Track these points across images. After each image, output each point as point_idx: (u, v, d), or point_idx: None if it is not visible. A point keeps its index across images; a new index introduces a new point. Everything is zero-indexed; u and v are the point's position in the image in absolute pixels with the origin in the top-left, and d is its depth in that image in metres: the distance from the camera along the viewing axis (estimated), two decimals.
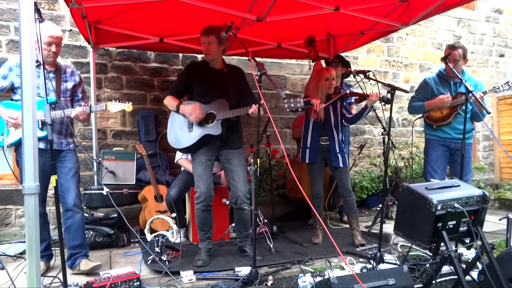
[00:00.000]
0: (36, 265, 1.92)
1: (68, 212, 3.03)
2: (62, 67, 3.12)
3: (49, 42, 2.89)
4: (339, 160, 3.68)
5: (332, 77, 3.65)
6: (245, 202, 3.27)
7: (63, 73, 3.09)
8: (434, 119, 3.91)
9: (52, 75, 3.01)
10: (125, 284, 2.63)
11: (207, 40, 3.21)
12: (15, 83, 2.91)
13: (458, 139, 3.78)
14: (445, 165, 3.94)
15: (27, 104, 1.95)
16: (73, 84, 3.13)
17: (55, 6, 4.70)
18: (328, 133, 3.71)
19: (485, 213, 2.55)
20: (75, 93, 3.16)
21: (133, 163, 4.49)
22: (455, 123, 3.81)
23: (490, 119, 7.11)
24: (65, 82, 3.09)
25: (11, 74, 2.92)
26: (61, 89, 3.06)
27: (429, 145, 4.01)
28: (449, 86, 3.85)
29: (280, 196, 5.16)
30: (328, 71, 3.69)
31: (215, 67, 3.33)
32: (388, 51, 6.51)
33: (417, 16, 3.96)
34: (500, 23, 7.37)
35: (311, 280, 2.78)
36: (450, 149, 3.89)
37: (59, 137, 3.03)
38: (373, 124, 6.33)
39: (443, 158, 3.91)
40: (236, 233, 3.47)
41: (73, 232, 3.04)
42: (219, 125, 3.19)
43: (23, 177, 1.98)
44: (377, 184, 5.73)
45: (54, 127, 2.94)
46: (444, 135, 3.88)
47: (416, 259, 3.25)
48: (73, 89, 3.14)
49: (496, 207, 5.97)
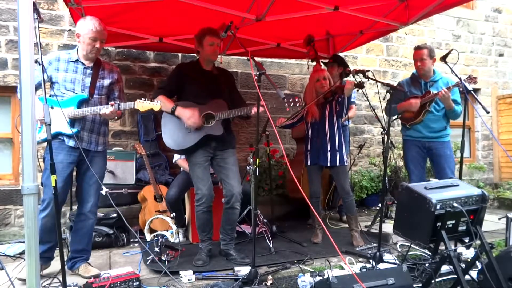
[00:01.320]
0: (35, 265, 1.92)
1: (82, 215, 2.99)
2: (102, 63, 3.05)
3: (94, 37, 2.85)
4: (327, 159, 3.67)
5: (323, 77, 3.67)
6: (238, 201, 3.25)
7: (101, 70, 3.01)
8: (406, 118, 3.97)
9: (90, 71, 2.95)
10: (124, 284, 2.63)
11: (217, 41, 3.20)
12: (53, 77, 2.85)
13: (431, 137, 3.87)
14: (422, 164, 3.99)
15: (26, 104, 1.94)
16: (110, 82, 3.04)
17: (54, 6, 4.70)
18: (321, 132, 3.72)
19: (484, 213, 2.56)
20: (111, 91, 3.07)
21: (133, 163, 4.50)
22: (427, 121, 3.85)
23: (489, 118, 7.12)
24: (102, 79, 3.00)
25: (50, 68, 2.85)
26: (96, 85, 2.96)
27: (404, 145, 4.11)
28: (420, 86, 3.91)
29: (279, 195, 5.17)
30: (317, 73, 3.72)
31: (207, 68, 3.32)
32: (388, 50, 6.51)
33: (416, 15, 3.96)
34: (500, 22, 7.37)
35: (310, 280, 2.78)
36: (426, 148, 3.92)
37: (90, 136, 2.95)
38: (373, 123, 6.34)
39: (419, 157, 3.96)
40: (222, 236, 3.33)
41: (80, 235, 3.01)
42: (219, 125, 3.18)
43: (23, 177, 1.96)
44: (376, 183, 5.74)
45: (85, 125, 2.92)
46: (417, 134, 3.92)
47: (415, 258, 3.25)
48: (110, 87, 3.04)
49: (495, 206, 5.98)
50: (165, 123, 3.26)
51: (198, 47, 3.28)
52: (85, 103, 2.89)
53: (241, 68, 5.51)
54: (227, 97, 3.32)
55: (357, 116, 6.17)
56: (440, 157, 3.85)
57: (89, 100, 2.92)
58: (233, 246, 3.33)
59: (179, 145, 3.21)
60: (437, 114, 3.84)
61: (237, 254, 3.25)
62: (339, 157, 3.68)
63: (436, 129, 3.85)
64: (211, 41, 3.18)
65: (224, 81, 3.37)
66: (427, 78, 3.88)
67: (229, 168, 3.28)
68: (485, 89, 7.20)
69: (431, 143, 3.88)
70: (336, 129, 3.72)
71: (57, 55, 2.92)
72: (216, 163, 3.33)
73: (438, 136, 3.87)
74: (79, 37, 2.89)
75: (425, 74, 3.86)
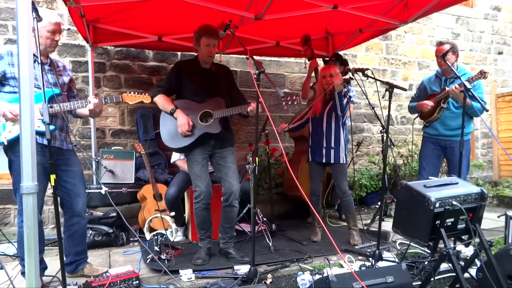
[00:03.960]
0: (35, 265, 1.92)
1: (75, 218, 2.88)
2: (54, 61, 2.89)
3: (53, 30, 2.69)
4: (322, 155, 3.69)
5: (329, 74, 3.69)
6: (237, 199, 3.26)
7: (56, 67, 2.87)
8: (424, 116, 3.98)
9: (48, 67, 2.79)
10: (124, 283, 2.64)
11: (213, 42, 3.19)
12: (7, 72, 2.61)
13: (447, 135, 3.83)
14: (435, 162, 3.96)
15: (25, 102, 1.94)
16: (69, 79, 2.95)
17: (53, 5, 4.69)
18: (318, 129, 3.74)
19: (483, 211, 2.56)
20: (70, 88, 2.96)
21: (132, 162, 4.50)
22: (444, 118, 3.83)
23: (488, 116, 7.13)
24: (61, 76, 2.87)
25: (2, 62, 2.62)
26: (60, 82, 2.83)
27: (422, 142, 4.11)
28: (440, 83, 3.90)
29: (279, 194, 5.17)
30: (324, 70, 3.77)
31: (205, 66, 3.32)
32: (387, 49, 6.51)
33: (416, 14, 3.96)
34: (499, 20, 7.37)
35: (310, 278, 2.79)
36: (441, 147, 3.91)
37: (60, 134, 2.80)
38: (372, 122, 6.34)
39: (433, 155, 3.94)
40: (221, 234, 3.34)
41: (78, 238, 2.93)
42: (217, 124, 3.19)
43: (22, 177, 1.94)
44: (376, 182, 5.74)
45: (57, 122, 2.75)
46: (433, 131, 3.92)
47: (414, 256, 3.26)
48: (69, 84, 2.94)
49: (494, 204, 5.98)
50: (163, 121, 3.28)
51: (195, 45, 3.28)
52: (55, 99, 2.70)
53: (240, 67, 5.50)
54: (226, 94, 3.32)
55: (356, 115, 6.18)
56: (455, 156, 3.71)
57: (61, 95, 2.76)
58: (232, 245, 3.34)
59: (176, 143, 3.23)
60: (455, 111, 3.77)
61: (236, 252, 3.25)
62: (334, 154, 3.68)
63: (453, 126, 3.78)
64: (207, 43, 3.18)
65: (223, 78, 3.37)
66: (449, 74, 3.80)
67: (228, 166, 3.29)
68: (485, 87, 7.16)
69: (447, 141, 3.84)
70: (333, 126, 3.72)
71: (9, 49, 2.66)
72: (215, 161, 3.34)
73: (454, 134, 3.78)
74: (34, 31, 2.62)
75: (448, 70, 3.74)
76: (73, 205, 2.86)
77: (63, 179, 2.80)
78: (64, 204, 2.88)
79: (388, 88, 3.17)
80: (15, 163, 2.59)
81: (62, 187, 2.81)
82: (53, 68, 2.83)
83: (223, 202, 3.28)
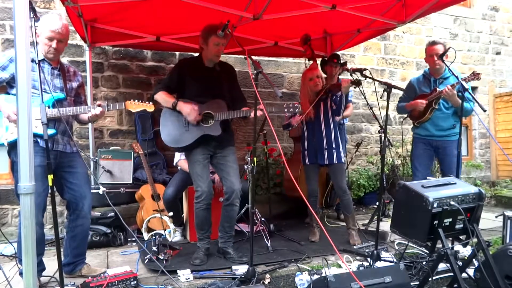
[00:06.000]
0: (32, 265, 1.92)
1: (80, 219, 2.88)
2: (65, 66, 2.93)
3: (50, 37, 2.68)
4: (324, 157, 3.68)
5: (316, 75, 3.68)
6: (238, 198, 3.25)
7: (66, 72, 2.90)
8: (414, 116, 3.98)
9: (58, 72, 2.82)
10: (122, 283, 2.63)
11: (222, 42, 3.17)
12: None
13: (438, 136, 3.85)
14: (427, 163, 3.98)
15: (22, 103, 1.94)
16: (78, 85, 2.96)
17: (50, 5, 4.68)
18: (317, 131, 3.72)
19: (481, 211, 2.56)
20: (78, 94, 2.98)
21: (130, 162, 4.48)
22: (435, 119, 3.84)
23: (486, 116, 7.14)
24: (70, 81, 2.90)
25: (12, 65, 2.62)
26: (67, 87, 2.85)
27: (413, 143, 4.11)
28: (429, 84, 3.90)
29: (277, 194, 5.17)
30: (310, 71, 3.74)
31: (210, 65, 3.30)
32: (385, 49, 6.52)
33: (414, 14, 3.97)
34: (497, 20, 7.39)
35: (308, 278, 2.78)
36: (433, 147, 3.92)
37: (63, 138, 2.81)
38: (370, 122, 6.35)
39: (425, 156, 3.96)
40: (220, 233, 3.33)
41: (79, 240, 2.93)
42: (218, 126, 3.18)
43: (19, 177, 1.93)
44: (374, 182, 5.75)
45: (60, 127, 2.77)
46: (425, 132, 3.92)
47: (412, 256, 3.26)
48: (78, 90, 2.97)
49: (492, 204, 5.99)
50: (164, 120, 3.25)
51: (202, 44, 3.23)
52: (59, 104, 2.72)
53: (238, 67, 5.49)
54: (228, 95, 3.30)
55: (354, 115, 6.18)
56: (447, 156, 3.81)
57: (65, 100, 2.80)
58: (231, 245, 3.33)
59: (176, 142, 3.22)
60: (446, 112, 3.80)
61: (235, 252, 3.25)
62: (336, 154, 3.68)
63: (444, 127, 3.81)
64: (217, 42, 3.13)
65: (226, 77, 3.34)
66: (438, 75, 3.84)
67: (229, 166, 3.28)
68: (482, 87, 7.22)
69: (439, 141, 3.86)
70: (332, 127, 3.72)
71: None
72: (216, 161, 3.34)
73: (446, 135, 3.83)
74: (38, 36, 2.65)
75: (438, 70, 3.81)
76: (79, 206, 2.88)
77: (69, 181, 2.84)
78: (70, 206, 2.90)
79: (386, 88, 3.17)
80: (17, 164, 2.55)
81: (68, 189, 2.85)
82: (62, 73, 2.85)
83: (224, 201, 3.28)
